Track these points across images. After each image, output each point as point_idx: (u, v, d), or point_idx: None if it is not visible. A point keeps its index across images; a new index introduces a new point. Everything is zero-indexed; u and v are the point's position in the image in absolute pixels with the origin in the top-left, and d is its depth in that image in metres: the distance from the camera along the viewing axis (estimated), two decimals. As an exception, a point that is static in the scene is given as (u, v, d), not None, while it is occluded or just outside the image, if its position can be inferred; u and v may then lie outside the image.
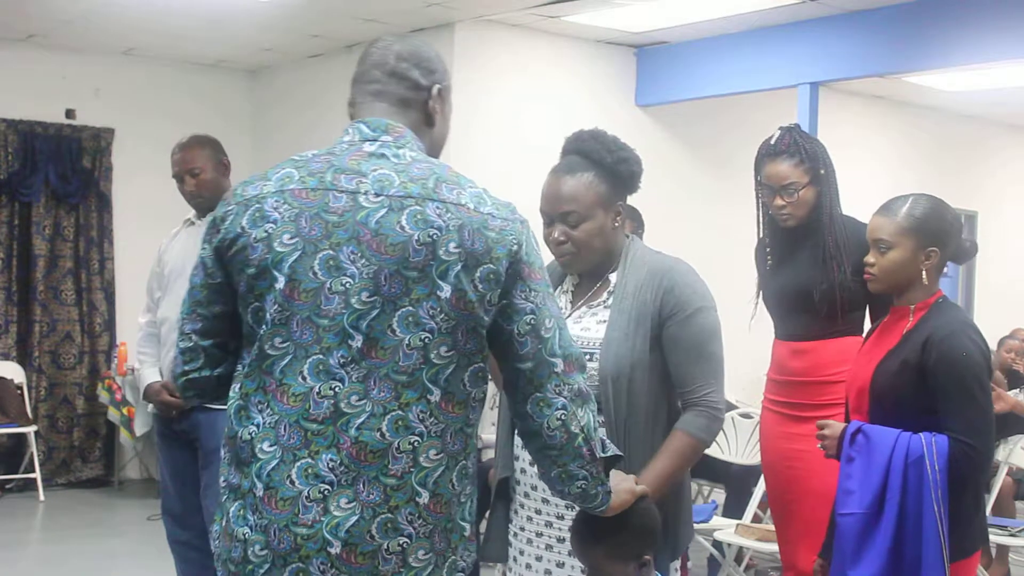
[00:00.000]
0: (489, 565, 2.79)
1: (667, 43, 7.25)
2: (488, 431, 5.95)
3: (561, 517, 2.51)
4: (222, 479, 1.94)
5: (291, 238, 1.85)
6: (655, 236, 4.37)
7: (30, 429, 7.27)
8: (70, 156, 7.63)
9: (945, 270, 2.85)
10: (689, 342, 2.50)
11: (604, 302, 2.57)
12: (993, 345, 6.84)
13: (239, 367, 1.94)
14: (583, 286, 2.63)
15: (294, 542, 1.83)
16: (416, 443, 1.85)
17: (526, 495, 2.59)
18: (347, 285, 1.84)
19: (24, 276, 7.56)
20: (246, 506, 1.87)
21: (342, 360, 1.84)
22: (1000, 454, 5.36)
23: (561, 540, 2.50)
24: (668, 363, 2.51)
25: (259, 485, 1.85)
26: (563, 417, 1.92)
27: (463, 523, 1.94)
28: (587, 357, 2.48)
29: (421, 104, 2.02)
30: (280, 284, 1.85)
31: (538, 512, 2.56)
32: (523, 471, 2.59)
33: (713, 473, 5.57)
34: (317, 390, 1.84)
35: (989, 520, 4.98)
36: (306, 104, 7.88)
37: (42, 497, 7.20)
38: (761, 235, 3.60)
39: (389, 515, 1.84)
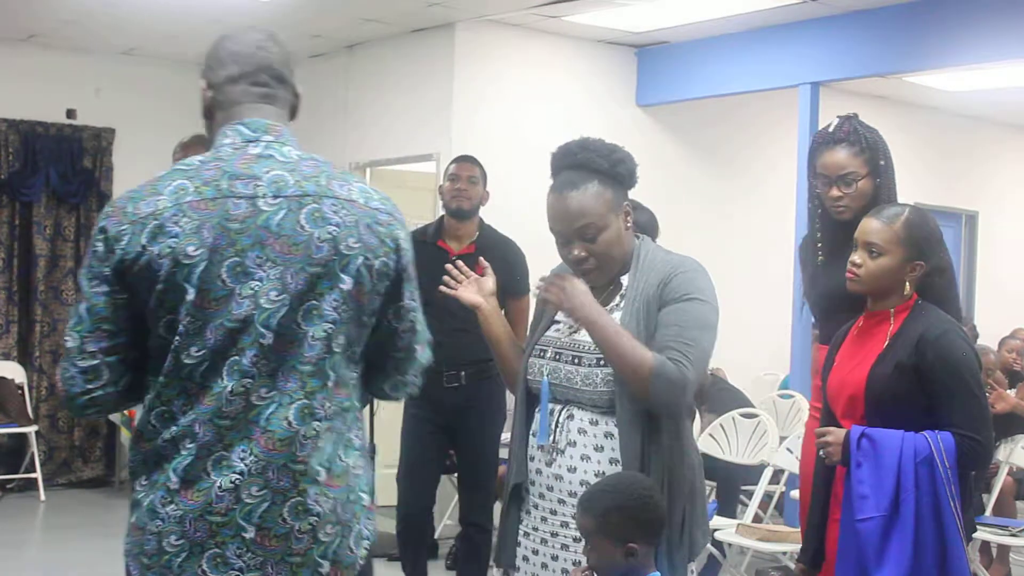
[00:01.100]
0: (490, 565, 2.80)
1: (668, 43, 7.25)
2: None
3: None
4: (142, 479, 2.00)
5: (196, 249, 1.90)
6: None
7: (31, 429, 7.27)
8: (71, 156, 7.63)
9: None
10: (676, 321, 2.46)
11: (617, 305, 2.56)
12: (994, 345, 6.84)
13: (155, 377, 1.96)
14: (596, 290, 2.60)
15: (209, 529, 1.93)
16: (319, 428, 1.97)
17: (541, 496, 2.59)
18: (256, 288, 1.92)
19: (25, 276, 7.56)
20: (157, 499, 1.96)
21: (254, 358, 1.93)
22: (1001, 454, 5.37)
23: (577, 540, 2.50)
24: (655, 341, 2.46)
25: (174, 478, 1.94)
26: (410, 392, 2.19)
27: (362, 494, 2.05)
28: (603, 361, 2.49)
29: (293, 105, 2.16)
30: (191, 296, 1.90)
31: (553, 513, 2.56)
32: (538, 471, 2.59)
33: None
34: (231, 388, 1.92)
35: (990, 520, 5.01)
36: (306, 104, 7.85)
37: (43, 497, 7.20)
38: (813, 229, 3.37)
39: (299, 498, 1.96)
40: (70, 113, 7.68)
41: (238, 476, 1.92)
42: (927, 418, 2.68)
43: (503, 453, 5.32)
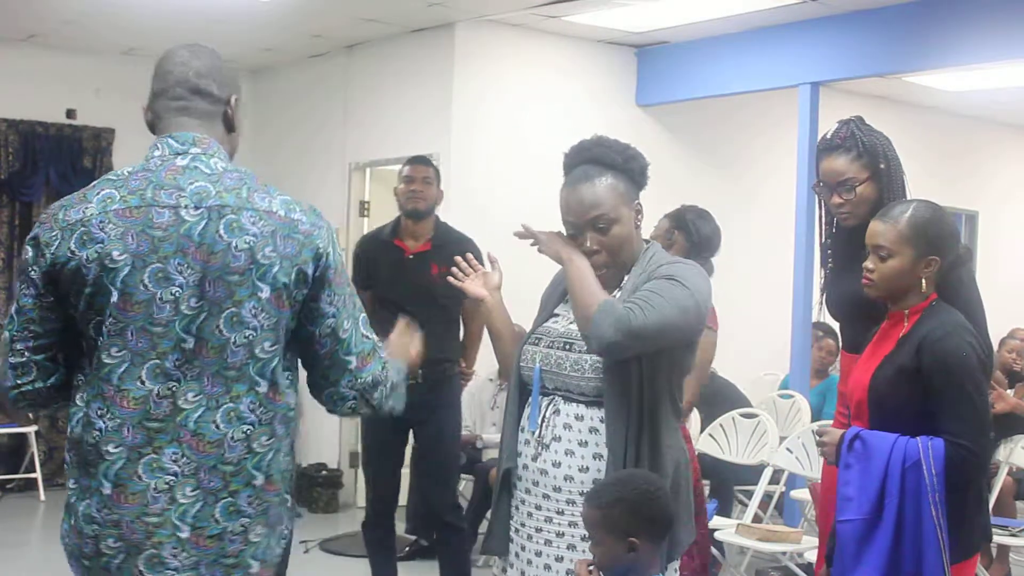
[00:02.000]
0: (490, 564, 2.80)
1: (668, 43, 7.25)
2: (489, 431, 5.95)
3: (561, 512, 2.53)
4: (71, 482, 2.08)
5: (120, 254, 2.01)
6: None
7: (31, 429, 7.27)
8: (71, 156, 7.64)
9: None
10: (648, 288, 2.47)
11: (614, 297, 2.57)
12: (994, 345, 6.84)
13: (79, 377, 2.08)
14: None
15: (146, 531, 2.01)
16: (248, 431, 2.05)
17: (527, 491, 2.60)
18: (176, 294, 2.01)
19: (25, 276, 7.57)
20: (93, 505, 2.03)
21: (177, 362, 2.02)
22: (1000, 454, 5.36)
23: (560, 535, 2.52)
24: None
25: (107, 484, 2.02)
26: (353, 407, 2.19)
27: (287, 496, 2.16)
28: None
29: (221, 115, 2.19)
30: (114, 298, 2.01)
31: (538, 508, 2.57)
32: (525, 467, 2.61)
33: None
34: (157, 391, 2.02)
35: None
36: (306, 104, 7.88)
37: (43, 497, 7.20)
38: (822, 239, 3.31)
39: (230, 499, 2.05)
40: (70, 113, 7.68)
41: (172, 477, 2.02)
42: (927, 422, 2.63)
43: (490, 453, 5.32)
